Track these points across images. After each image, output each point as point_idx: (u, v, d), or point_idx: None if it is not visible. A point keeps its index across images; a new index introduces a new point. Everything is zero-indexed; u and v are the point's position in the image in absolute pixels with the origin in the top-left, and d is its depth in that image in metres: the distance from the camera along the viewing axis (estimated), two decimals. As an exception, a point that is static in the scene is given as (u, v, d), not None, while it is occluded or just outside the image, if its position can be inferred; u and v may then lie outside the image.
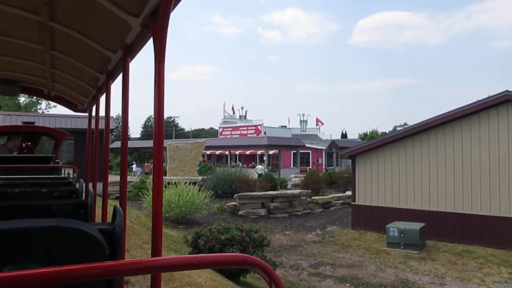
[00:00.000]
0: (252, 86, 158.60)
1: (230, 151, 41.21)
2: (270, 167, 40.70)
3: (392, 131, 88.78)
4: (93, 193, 3.46)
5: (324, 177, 21.45)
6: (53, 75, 5.26)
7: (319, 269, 9.99)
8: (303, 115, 69.19)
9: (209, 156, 60.44)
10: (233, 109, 71.37)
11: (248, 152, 52.82)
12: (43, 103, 42.88)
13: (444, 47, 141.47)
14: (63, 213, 3.12)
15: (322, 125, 72.08)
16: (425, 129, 13.00)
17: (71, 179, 5.86)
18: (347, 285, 8.94)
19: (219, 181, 19.77)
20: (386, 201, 13.80)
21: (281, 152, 38.28)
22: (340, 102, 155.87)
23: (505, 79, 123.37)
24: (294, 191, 17.86)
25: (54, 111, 38.14)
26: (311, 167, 45.71)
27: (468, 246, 11.86)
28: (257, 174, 24.66)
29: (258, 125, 62.07)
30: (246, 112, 73.51)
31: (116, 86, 4.31)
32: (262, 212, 16.95)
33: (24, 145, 8.59)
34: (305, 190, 18.48)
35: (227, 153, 48.01)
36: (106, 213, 4.54)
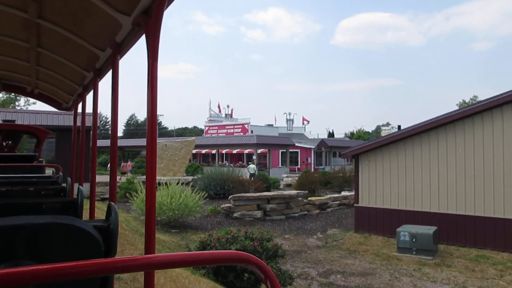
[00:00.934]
0: (236, 85, 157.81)
1: (218, 150, 40.20)
2: (258, 166, 39.84)
3: (375, 130, 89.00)
4: (83, 191, 3.41)
5: (319, 177, 20.69)
6: (37, 73, 5.19)
7: (329, 278, 9.18)
8: (290, 114, 68.43)
9: (194, 155, 59.23)
10: (219, 107, 70.27)
11: (235, 151, 51.85)
12: (22, 100, 41.09)
13: (425, 48, 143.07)
14: (53, 211, 3.09)
15: (308, 123, 71.69)
16: (434, 127, 12.32)
17: (56, 178, 5.71)
18: (364, 297, 8.17)
19: (210, 181, 18.81)
20: (392, 202, 13.09)
21: (270, 151, 37.46)
22: (323, 102, 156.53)
23: (489, 80, 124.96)
24: (291, 192, 17.05)
25: (34, 107, 36.53)
26: (299, 166, 45.07)
27: (481, 250, 11.23)
28: (249, 173, 23.81)
29: (245, 123, 61.17)
30: (232, 111, 72.47)
31: (102, 84, 4.37)
32: (258, 214, 16.09)
33: (4, 143, 8.46)
34: (302, 191, 17.67)
35: (213, 152, 46.95)
36: (94, 212, 4.58)
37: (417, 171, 12.65)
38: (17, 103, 39.74)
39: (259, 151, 41.37)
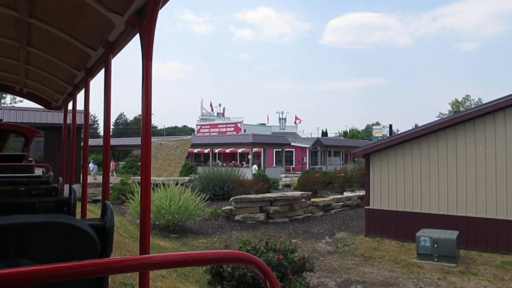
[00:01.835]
0: (225, 84, 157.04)
1: (212, 149, 39.22)
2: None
3: (365, 129, 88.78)
4: (75, 190, 3.40)
5: (321, 177, 19.90)
6: (27, 72, 5.14)
7: (350, 290, 8.38)
8: (282, 113, 67.65)
9: (186, 155, 58.11)
10: (211, 106, 69.20)
11: (228, 150, 50.85)
12: (8, 98, 39.63)
13: (413, 48, 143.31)
14: (46, 210, 3.08)
15: (300, 122, 71.04)
16: (451, 124, 11.60)
17: (46, 178, 5.66)
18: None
19: (209, 182, 17.89)
20: (406, 205, 12.34)
21: (266, 150, 36.62)
22: (312, 101, 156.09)
23: (477, 80, 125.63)
24: (295, 193, 16.23)
25: (21, 104, 35.18)
26: (294, 166, 44.32)
27: (505, 256, 10.53)
28: (252, 174, 22.89)
29: (238, 122, 60.28)
30: (224, 110, 71.49)
31: (92, 83, 4.34)
32: (261, 217, 15.25)
33: None
34: (305, 192, 16.86)
35: (206, 151, 45.91)
36: (85, 212, 4.51)
37: (432, 171, 11.92)
38: (3, 101, 38.31)
39: (253, 150, 40.54)
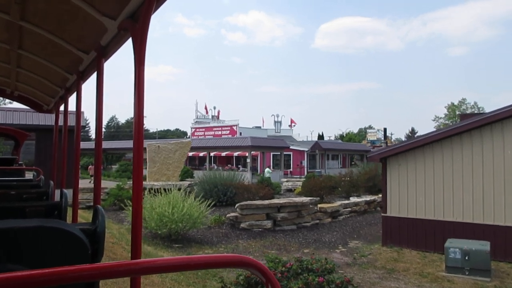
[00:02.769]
0: (217, 87, 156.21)
1: (209, 153, 38.24)
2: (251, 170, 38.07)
3: (357, 133, 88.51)
4: (66, 195, 3.38)
5: (326, 182, 19.05)
6: (17, 75, 5.14)
7: (380, 309, 7.50)
8: (278, 116, 66.86)
9: (181, 158, 57.02)
10: (206, 108, 68.23)
11: (223, 154, 49.89)
12: (-2, 98, 38.41)
13: (403, 52, 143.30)
14: (37, 215, 3.07)
15: (295, 125, 70.36)
16: (477, 126, 10.82)
17: (37, 181, 5.53)
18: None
19: (211, 187, 16.94)
20: (427, 212, 11.52)
21: (265, 154, 35.71)
22: (305, 105, 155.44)
23: (468, 84, 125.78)
24: (303, 199, 15.36)
25: (11, 105, 33.95)
26: (292, 169, 43.49)
27: (539, 268, 9.76)
28: (265, 177, 21.96)
29: (233, 125, 59.44)
30: (219, 112, 70.56)
31: (85, 86, 4.31)
32: (268, 224, 14.35)
33: None
34: (314, 198, 16.00)
35: (201, 154, 44.91)
36: (76, 217, 4.42)
37: (457, 176, 11.11)
38: (-8, 102, 37.12)
39: (251, 153, 39.65)
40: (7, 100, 34.81)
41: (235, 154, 49.82)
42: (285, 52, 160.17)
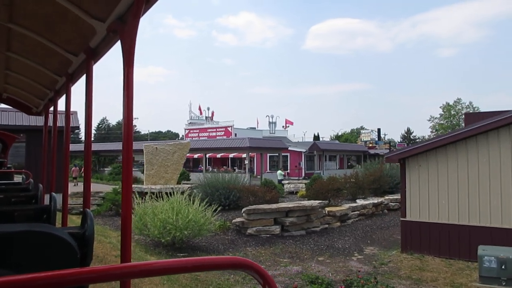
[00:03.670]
0: (208, 89, 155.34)
1: (205, 154, 37.29)
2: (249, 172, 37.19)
3: (350, 134, 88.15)
4: (56, 198, 3.34)
5: (335, 184, 18.24)
6: (6, 77, 5.12)
7: (419, 328, 6.69)
8: (272, 117, 66.11)
9: (175, 160, 55.91)
10: (200, 109, 67.27)
11: (219, 155, 48.96)
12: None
13: (394, 53, 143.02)
14: (26, 218, 3.04)
15: (289, 126, 69.65)
16: (505, 124, 10.09)
17: (26, 185, 5.43)
18: None
19: (213, 190, 16.05)
20: (451, 217, 10.76)
21: (263, 155, 34.89)
22: (296, 105, 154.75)
23: (459, 84, 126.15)
24: (313, 203, 14.53)
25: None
26: (289, 171, 42.71)
27: None
28: (277, 180, 21.07)
29: (228, 126, 58.60)
30: (213, 113, 69.66)
31: (73, 88, 4.42)
32: (276, 229, 13.50)
33: None
34: (323, 201, 15.20)
35: (195, 156, 43.93)
36: (66, 221, 4.42)
37: (483, 177, 10.37)
38: (-21, 103, 35.85)
39: (244, 155, 38.80)
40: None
41: (231, 155, 48.92)
42: (276, 54, 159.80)
